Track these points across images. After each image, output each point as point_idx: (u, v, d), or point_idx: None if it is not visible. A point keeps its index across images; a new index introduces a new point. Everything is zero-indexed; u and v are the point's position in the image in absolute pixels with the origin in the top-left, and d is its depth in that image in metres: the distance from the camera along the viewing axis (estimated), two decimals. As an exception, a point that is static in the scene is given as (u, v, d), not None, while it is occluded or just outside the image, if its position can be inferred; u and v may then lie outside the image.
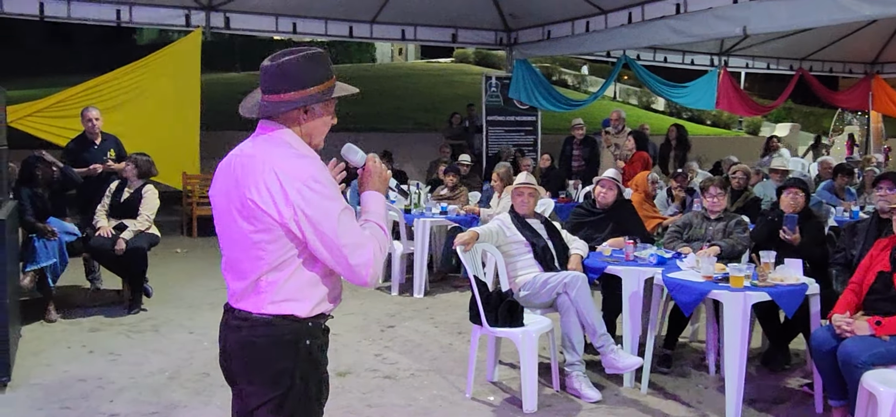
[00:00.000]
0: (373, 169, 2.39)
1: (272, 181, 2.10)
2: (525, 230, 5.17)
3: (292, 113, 2.24)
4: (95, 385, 4.78)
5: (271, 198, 2.10)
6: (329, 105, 2.31)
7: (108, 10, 10.19)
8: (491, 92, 13.10)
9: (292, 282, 2.18)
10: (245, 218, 2.15)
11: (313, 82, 2.23)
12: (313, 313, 2.22)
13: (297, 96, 2.21)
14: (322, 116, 2.29)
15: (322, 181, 2.12)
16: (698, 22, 9.07)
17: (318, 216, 2.09)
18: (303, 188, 2.09)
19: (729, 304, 4.21)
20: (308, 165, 2.13)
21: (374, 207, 2.34)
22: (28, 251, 6.14)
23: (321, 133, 2.31)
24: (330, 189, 2.14)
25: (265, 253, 2.14)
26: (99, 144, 7.22)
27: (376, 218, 2.30)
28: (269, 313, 2.17)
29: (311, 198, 2.09)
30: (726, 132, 28.22)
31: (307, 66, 2.23)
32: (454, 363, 5.27)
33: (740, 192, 7.88)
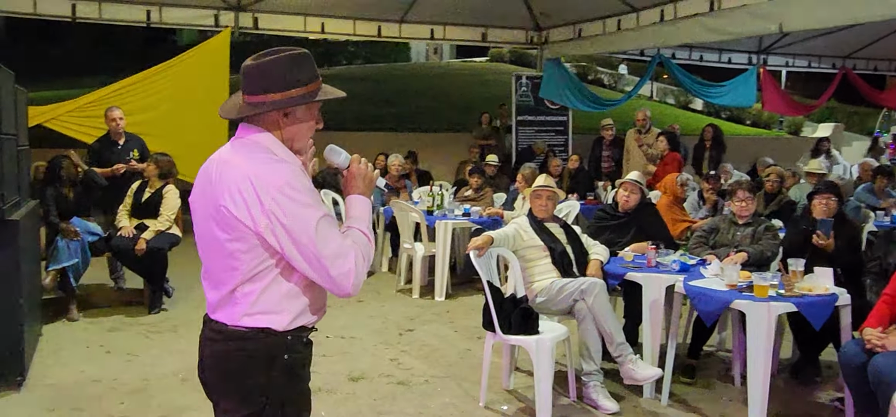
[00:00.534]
0: (357, 171, 2.28)
1: (247, 188, 2.00)
2: (543, 234, 5.03)
3: (272, 115, 2.14)
4: (109, 387, 4.77)
5: (245, 206, 2.00)
6: (312, 108, 2.21)
7: (138, 10, 10.29)
8: (521, 91, 12.93)
9: (269, 294, 2.08)
10: (219, 226, 2.06)
11: (295, 84, 2.12)
12: (292, 326, 2.11)
13: (277, 98, 2.11)
14: (304, 120, 2.19)
15: (299, 188, 2.01)
16: (733, 19, 8.79)
17: (294, 225, 1.99)
18: (278, 195, 1.99)
19: (752, 315, 4.01)
20: (284, 171, 2.03)
21: (357, 212, 2.24)
22: (51, 251, 6.20)
23: (303, 137, 2.22)
24: (307, 196, 2.03)
25: (240, 263, 2.05)
26: (122, 144, 7.27)
27: (360, 224, 2.20)
28: (244, 325, 2.08)
29: (287, 206, 1.99)
30: (766, 132, 27.51)
31: (289, 66, 2.12)
32: (470, 369, 5.15)
33: (774, 195, 7.63)
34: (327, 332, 5.95)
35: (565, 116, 12.96)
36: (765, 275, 4.16)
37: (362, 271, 2.08)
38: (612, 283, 4.99)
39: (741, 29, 8.89)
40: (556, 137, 13.00)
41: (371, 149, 10.51)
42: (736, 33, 9.16)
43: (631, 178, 5.75)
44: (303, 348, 2.18)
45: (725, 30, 8.96)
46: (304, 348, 2.19)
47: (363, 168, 2.29)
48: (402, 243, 7.61)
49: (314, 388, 4.65)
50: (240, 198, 2.01)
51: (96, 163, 7.09)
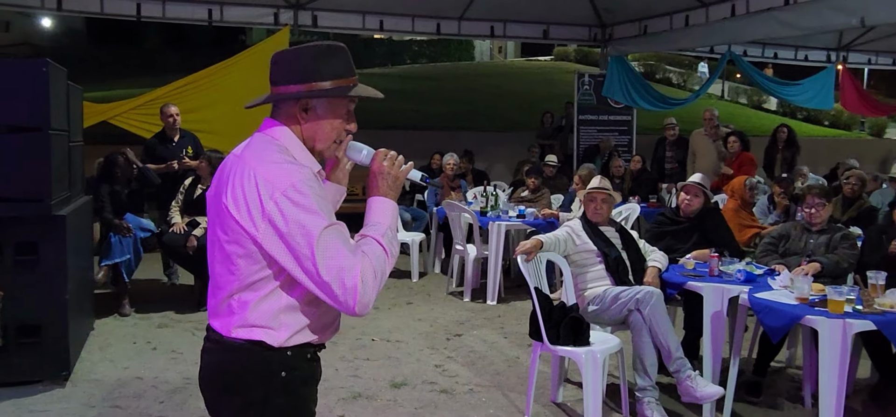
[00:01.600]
0: (378, 169, 2.01)
1: (250, 187, 1.82)
2: (597, 239, 4.75)
3: (290, 109, 1.95)
4: (150, 385, 4.74)
5: (246, 207, 1.82)
6: (338, 106, 1.98)
7: (200, 9, 10.40)
8: (583, 90, 12.57)
9: (265, 306, 1.88)
10: (220, 226, 1.90)
11: (318, 76, 1.93)
12: (290, 343, 1.90)
13: (295, 89, 1.92)
14: (326, 118, 1.96)
15: (305, 192, 1.80)
16: (810, 13, 8.26)
17: (293, 233, 1.78)
18: (280, 198, 1.79)
19: (826, 333, 3.64)
20: (293, 173, 1.83)
21: (376, 217, 1.96)
22: (104, 246, 6.26)
23: (326, 138, 1.98)
24: (313, 201, 1.80)
25: (236, 268, 1.87)
26: (177, 141, 7.31)
27: (377, 232, 1.92)
28: (239, 337, 1.89)
29: (288, 211, 1.78)
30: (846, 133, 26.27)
31: (314, 56, 1.94)
32: (518, 379, 4.92)
33: (854, 200, 7.10)
34: (373, 335, 5.82)
35: (629, 116, 12.54)
36: (840, 289, 3.78)
37: (371, 288, 1.81)
38: (671, 293, 4.67)
39: (819, 23, 8.36)
40: (620, 137, 12.58)
41: (428, 147, 10.37)
42: (814, 28, 8.64)
43: (693, 181, 5.41)
44: (305, 364, 1.97)
45: (802, 24, 8.45)
46: (308, 364, 1.98)
47: (386, 165, 2.01)
48: (455, 244, 7.41)
49: (354, 394, 4.56)
50: (241, 198, 1.83)
51: (151, 159, 7.15)
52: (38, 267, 4.56)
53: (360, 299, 1.79)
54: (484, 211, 7.52)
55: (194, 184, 6.80)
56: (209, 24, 10.68)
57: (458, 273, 7.47)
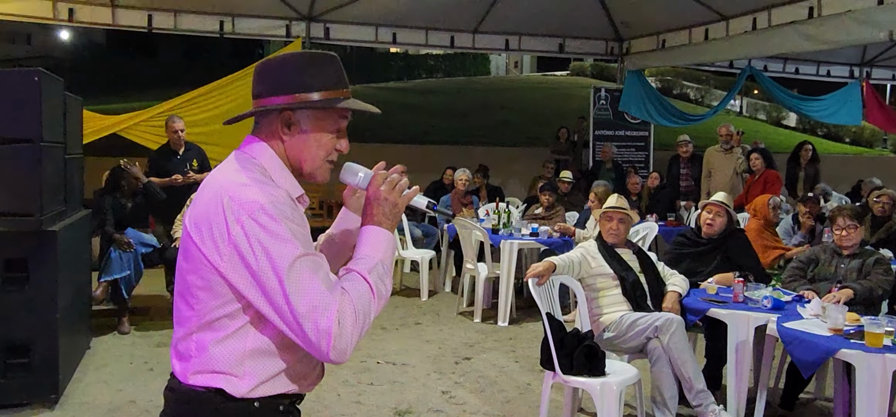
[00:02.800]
0: (374, 196, 1.73)
1: (216, 209, 1.59)
2: (613, 261, 4.49)
3: (272, 124, 1.72)
4: (143, 409, 4.53)
5: (209, 231, 1.59)
6: (326, 121, 1.73)
7: (212, 21, 10.32)
8: (600, 104, 12.33)
9: (226, 348, 1.62)
10: (182, 254, 1.67)
11: (305, 88, 1.69)
12: (255, 394, 1.64)
13: (279, 101, 1.69)
14: (313, 133, 1.72)
15: (276, 216, 1.56)
16: (834, 27, 7.97)
17: (260, 261, 1.54)
18: (248, 222, 1.55)
19: (863, 369, 3.37)
20: (264, 194, 1.59)
21: (367, 249, 1.68)
22: (103, 262, 6.08)
23: (314, 158, 1.74)
24: (285, 228, 1.56)
25: (195, 302, 1.63)
26: (182, 154, 7.15)
27: (364, 266, 1.64)
28: (196, 385, 1.64)
29: (256, 236, 1.54)
30: (868, 151, 25.76)
31: (301, 66, 1.72)
32: (528, 408, 4.66)
33: (884, 221, 6.80)
34: (379, 357, 5.58)
35: (646, 131, 12.29)
36: (878, 320, 3.50)
37: (351, 332, 1.55)
38: (692, 319, 4.39)
39: (844, 37, 8.06)
40: (637, 153, 12.33)
41: (442, 162, 10.15)
42: (838, 42, 8.33)
43: (717, 199, 5.13)
44: None
45: (826, 38, 8.15)
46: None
47: (384, 190, 1.73)
48: (465, 263, 7.16)
49: (356, 422, 4.32)
50: (204, 221, 1.60)
51: (155, 172, 6.99)
52: (28, 284, 4.37)
53: (335, 344, 1.53)
54: (496, 229, 7.28)
55: (199, 199, 6.61)
56: (220, 36, 10.58)
57: (469, 292, 7.22)
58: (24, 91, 4.28)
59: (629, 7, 10.76)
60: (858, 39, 8.54)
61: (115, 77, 31.24)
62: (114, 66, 34.50)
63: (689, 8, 9.85)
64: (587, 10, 10.99)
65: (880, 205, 6.69)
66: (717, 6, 9.62)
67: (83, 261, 5.55)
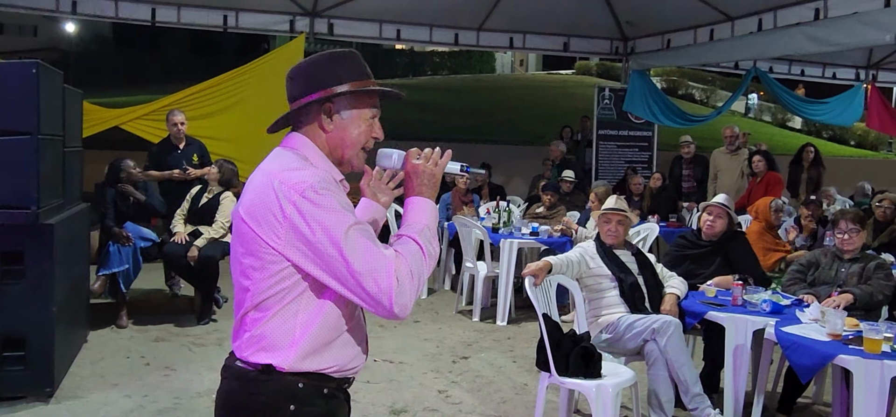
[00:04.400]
0: (413, 169, 1.90)
1: (268, 194, 1.72)
2: (611, 263, 4.46)
3: (312, 119, 1.88)
4: (137, 404, 4.51)
5: (264, 214, 1.72)
6: (361, 109, 1.89)
7: (215, 15, 10.28)
8: (603, 104, 12.26)
9: (278, 323, 1.75)
10: (238, 239, 1.80)
11: (337, 81, 1.85)
12: (301, 368, 1.75)
13: (316, 97, 1.85)
14: (352, 122, 1.88)
15: (324, 192, 1.70)
16: (840, 28, 7.91)
17: (317, 234, 1.67)
18: (300, 200, 1.68)
19: (861, 375, 3.33)
20: (311, 175, 1.73)
21: (413, 217, 1.85)
22: (102, 255, 6.08)
23: (353, 145, 1.88)
24: (334, 199, 1.70)
25: (251, 284, 1.77)
26: (182, 149, 7.13)
27: (413, 231, 1.81)
28: (247, 361, 1.78)
29: (309, 212, 1.68)
30: (873, 154, 25.64)
31: (329, 62, 1.88)
32: (524, 408, 4.64)
33: (886, 225, 6.75)
34: (376, 355, 5.56)
35: (650, 132, 12.22)
36: (877, 326, 3.47)
37: (410, 289, 1.70)
38: (690, 322, 4.37)
39: (850, 39, 8.00)
40: (640, 154, 12.27)
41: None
42: (844, 44, 8.27)
43: (717, 201, 5.10)
44: (321, 401, 1.80)
45: (832, 40, 8.09)
46: (324, 402, 1.81)
47: (420, 164, 1.90)
48: (465, 261, 7.14)
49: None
50: (259, 205, 1.74)
51: (155, 165, 6.98)
52: (24, 277, 4.36)
53: (397, 299, 1.67)
54: (496, 228, 7.26)
55: (201, 193, 6.60)
56: (224, 30, 10.56)
57: (468, 291, 7.20)
58: (22, 83, 4.27)
59: (634, 6, 10.70)
60: (864, 41, 8.49)
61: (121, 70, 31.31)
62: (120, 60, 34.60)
63: (695, 8, 9.79)
64: (592, 9, 10.93)
65: (882, 210, 6.64)
66: (723, 6, 9.56)
67: (81, 255, 5.55)
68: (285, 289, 1.73)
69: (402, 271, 1.69)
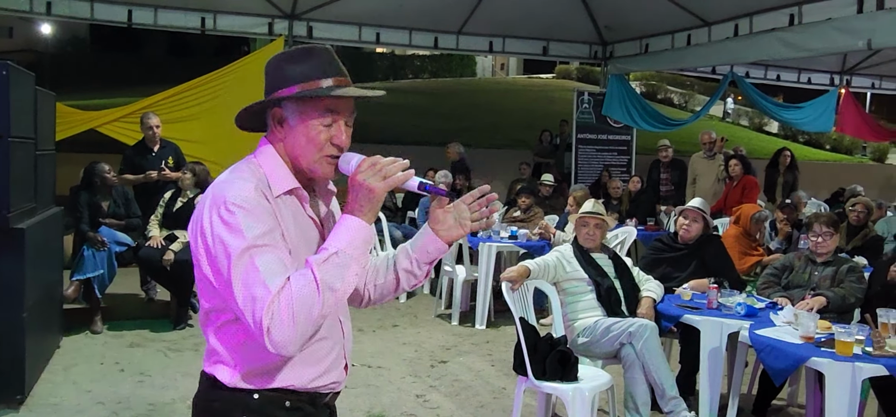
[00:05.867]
0: (352, 182, 1.64)
1: (201, 207, 1.65)
2: (588, 266, 4.48)
3: (272, 126, 1.75)
4: (111, 411, 4.45)
5: (194, 225, 1.66)
6: (309, 112, 1.68)
7: (193, 17, 10.18)
8: (583, 108, 12.31)
9: (221, 337, 1.70)
10: None
11: (282, 83, 1.69)
12: (242, 385, 1.68)
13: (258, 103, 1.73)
14: (299, 128, 1.69)
15: (235, 208, 1.57)
16: (815, 34, 8.01)
17: (216, 251, 1.58)
18: (213, 214, 1.59)
19: (833, 377, 3.37)
20: (233, 188, 1.61)
21: (332, 240, 1.61)
22: (76, 260, 5.99)
23: (307, 154, 1.70)
24: (238, 218, 1.56)
25: (202, 296, 1.72)
26: (157, 152, 7.06)
27: (319, 257, 1.57)
28: (206, 372, 1.75)
29: (216, 229, 1.58)
30: (848, 158, 26.03)
31: (279, 62, 1.73)
32: (503, 413, 4.63)
33: (859, 229, 6.84)
34: (355, 359, 5.53)
35: (629, 136, 12.30)
36: (849, 328, 3.51)
37: (286, 329, 1.51)
38: (666, 325, 4.39)
39: (825, 45, 8.10)
40: (619, 157, 12.34)
41: (424, 163, 10.10)
42: (819, 50, 8.37)
43: (693, 205, 5.15)
44: (281, 414, 1.71)
45: (807, 46, 8.19)
46: (286, 414, 1.72)
47: (360, 176, 1.63)
48: (443, 265, 7.13)
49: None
50: (195, 218, 1.66)
51: (130, 168, 6.90)
52: (-5, 282, 4.29)
53: (271, 336, 1.52)
54: (474, 232, 7.24)
55: (175, 197, 6.53)
56: (202, 32, 10.47)
57: (447, 295, 7.19)
58: (-8, 85, 4.20)
59: (613, 11, 10.77)
60: (838, 47, 8.60)
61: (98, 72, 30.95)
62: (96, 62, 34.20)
63: (673, 13, 9.87)
64: (571, 14, 10.98)
65: (856, 213, 6.73)
66: (700, 12, 9.65)
67: (54, 259, 5.47)
68: (221, 305, 1.65)
69: (278, 310, 1.51)
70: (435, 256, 1.89)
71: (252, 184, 1.63)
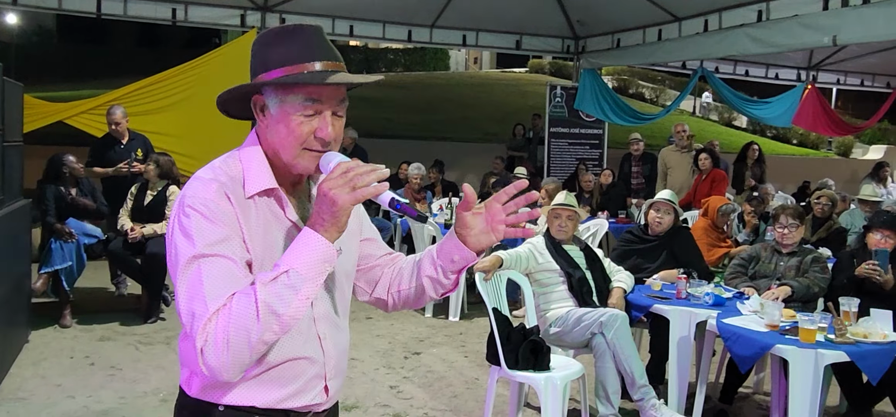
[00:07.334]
0: (319, 190, 1.45)
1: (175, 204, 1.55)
2: (560, 258, 4.54)
3: (256, 114, 1.58)
4: (81, 405, 4.41)
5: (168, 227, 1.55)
6: (289, 100, 1.50)
7: (163, 8, 10.06)
8: (555, 102, 12.40)
9: (185, 342, 1.56)
10: None
11: (263, 67, 1.53)
12: (203, 397, 1.56)
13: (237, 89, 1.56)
14: (280, 118, 1.52)
15: (191, 210, 1.45)
16: (782, 31, 8.17)
17: (171, 252, 1.48)
18: (177, 213, 1.49)
19: (797, 364, 3.46)
20: (194, 189, 1.49)
21: (286, 256, 1.43)
22: (44, 253, 5.91)
23: (286, 144, 1.52)
24: (192, 222, 1.44)
25: None
26: (125, 144, 6.98)
27: (266, 276, 1.41)
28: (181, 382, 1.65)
29: (173, 229, 1.48)
30: (814, 152, 26.50)
31: (261, 45, 1.56)
32: (475, 403, 4.68)
33: (824, 221, 7.00)
34: (328, 352, 5.53)
35: (601, 129, 12.41)
36: (812, 316, 3.61)
37: (220, 350, 1.37)
38: (636, 315, 4.47)
39: (791, 41, 8.26)
40: (591, 151, 12.45)
41: (397, 157, 10.11)
42: (785, 46, 8.54)
43: (663, 197, 5.23)
44: None
45: (774, 42, 8.35)
46: None
47: (326, 184, 1.43)
48: (417, 257, 7.15)
49: None
50: None
51: (98, 161, 6.82)
52: (-39, 275, 4.23)
53: (204, 358, 1.38)
54: (448, 224, 7.29)
55: (143, 190, 6.46)
56: (173, 23, 10.34)
57: (421, 287, 7.21)
58: (-42, 75, 4.13)
59: (585, 6, 10.86)
60: (804, 43, 8.76)
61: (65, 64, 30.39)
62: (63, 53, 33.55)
63: (644, 8, 9.97)
64: (544, 8, 11.05)
65: (820, 206, 6.88)
66: (670, 7, 9.77)
67: (22, 252, 5.39)
68: None
69: (214, 332, 1.37)
70: (461, 265, 1.68)
71: (215, 184, 1.49)
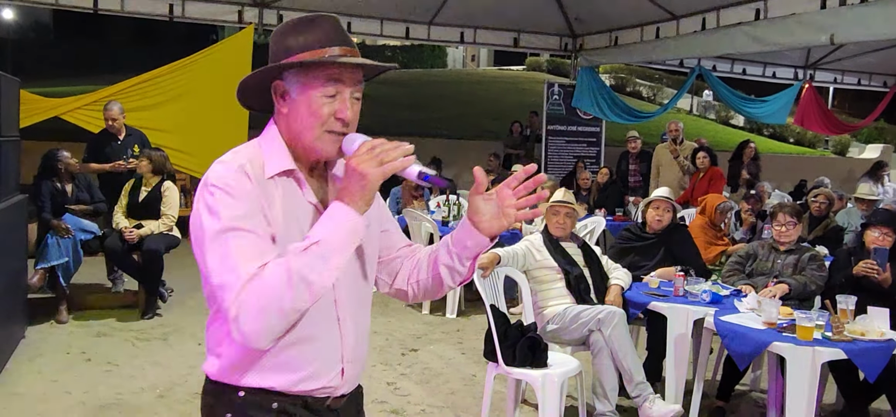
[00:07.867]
0: (347, 165, 1.52)
1: None
2: (558, 255, 4.54)
3: (276, 102, 1.62)
4: (78, 401, 4.41)
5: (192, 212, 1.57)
6: (311, 83, 1.56)
7: (161, 4, 10.04)
8: (553, 100, 12.41)
9: (213, 328, 1.62)
10: None
11: (284, 53, 1.57)
12: (225, 380, 1.60)
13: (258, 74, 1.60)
14: (302, 100, 1.57)
15: (215, 189, 1.49)
16: (780, 29, 8.18)
17: (197, 233, 1.51)
18: (200, 193, 1.53)
19: (794, 361, 3.47)
20: (216, 169, 1.53)
21: (316, 227, 1.50)
22: (40, 248, 5.90)
23: (308, 129, 1.57)
24: (216, 199, 1.48)
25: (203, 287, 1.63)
26: (122, 139, 6.95)
27: (298, 246, 1.46)
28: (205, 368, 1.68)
29: (199, 209, 1.51)
30: (810, 151, 26.52)
31: (282, 32, 1.61)
32: (473, 400, 4.68)
33: (821, 219, 7.01)
34: (325, 348, 5.53)
35: (598, 127, 12.43)
36: (809, 314, 3.61)
37: (254, 317, 1.42)
38: (634, 313, 4.47)
39: (789, 39, 8.28)
40: (589, 149, 12.47)
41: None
42: (783, 44, 8.55)
43: (662, 195, 5.23)
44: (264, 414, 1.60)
45: (772, 40, 8.36)
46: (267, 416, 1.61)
47: (354, 161, 1.50)
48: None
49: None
50: None
51: (94, 156, 6.80)
52: (-43, 271, 4.22)
53: (238, 326, 1.43)
54: (446, 221, 7.29)
55: (138, 186, 6.43)
56: (170, 19, 10.32)
57: (418, 284, 7.20)
58: (-46, 69, 4.11)
59: (583, 3, 10.86)
60: (802, 42, 8.78)
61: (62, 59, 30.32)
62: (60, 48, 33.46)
63: (642, 6, 9.98)
64: (542, 6, 11.05)
65: (817, 204, 6.89)
66: (669, 5, 9.77)
67: (18, 248, 5.38)
68: (210, 293, 1.54)
69: (248, 297, 1.42)
70: (475, 251, 1.70)
71: (236, 164, 1.53)
